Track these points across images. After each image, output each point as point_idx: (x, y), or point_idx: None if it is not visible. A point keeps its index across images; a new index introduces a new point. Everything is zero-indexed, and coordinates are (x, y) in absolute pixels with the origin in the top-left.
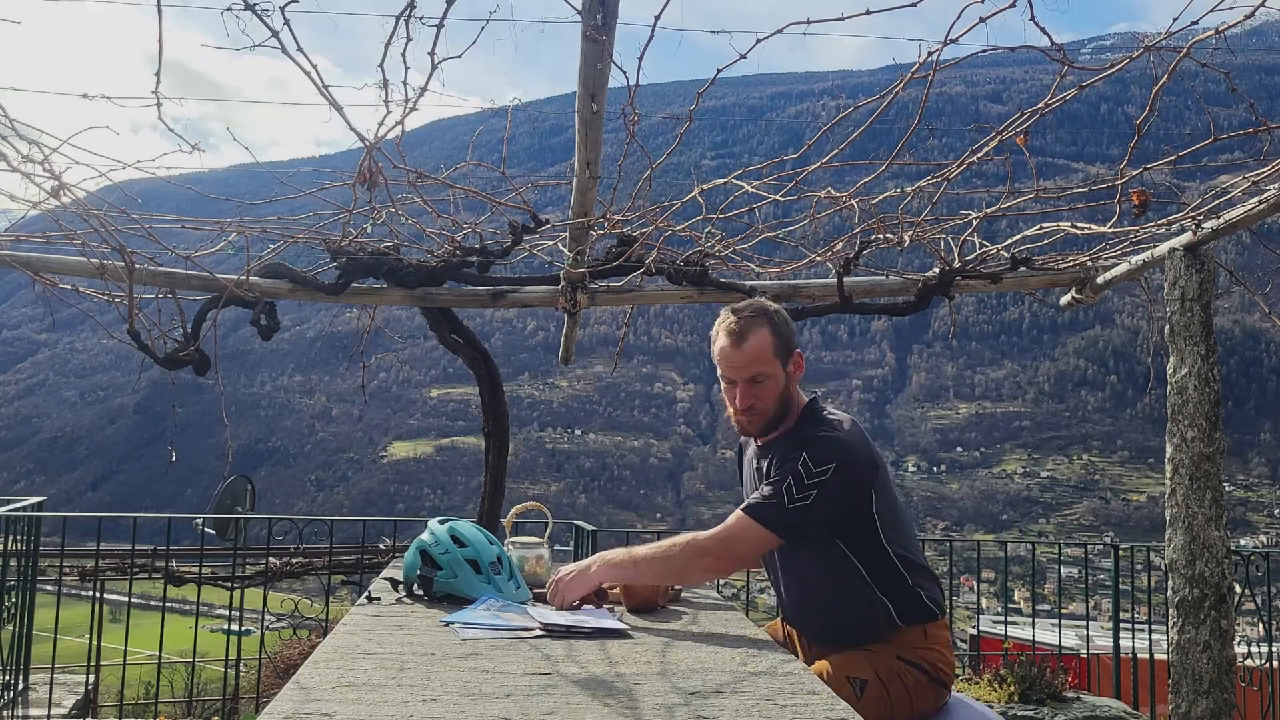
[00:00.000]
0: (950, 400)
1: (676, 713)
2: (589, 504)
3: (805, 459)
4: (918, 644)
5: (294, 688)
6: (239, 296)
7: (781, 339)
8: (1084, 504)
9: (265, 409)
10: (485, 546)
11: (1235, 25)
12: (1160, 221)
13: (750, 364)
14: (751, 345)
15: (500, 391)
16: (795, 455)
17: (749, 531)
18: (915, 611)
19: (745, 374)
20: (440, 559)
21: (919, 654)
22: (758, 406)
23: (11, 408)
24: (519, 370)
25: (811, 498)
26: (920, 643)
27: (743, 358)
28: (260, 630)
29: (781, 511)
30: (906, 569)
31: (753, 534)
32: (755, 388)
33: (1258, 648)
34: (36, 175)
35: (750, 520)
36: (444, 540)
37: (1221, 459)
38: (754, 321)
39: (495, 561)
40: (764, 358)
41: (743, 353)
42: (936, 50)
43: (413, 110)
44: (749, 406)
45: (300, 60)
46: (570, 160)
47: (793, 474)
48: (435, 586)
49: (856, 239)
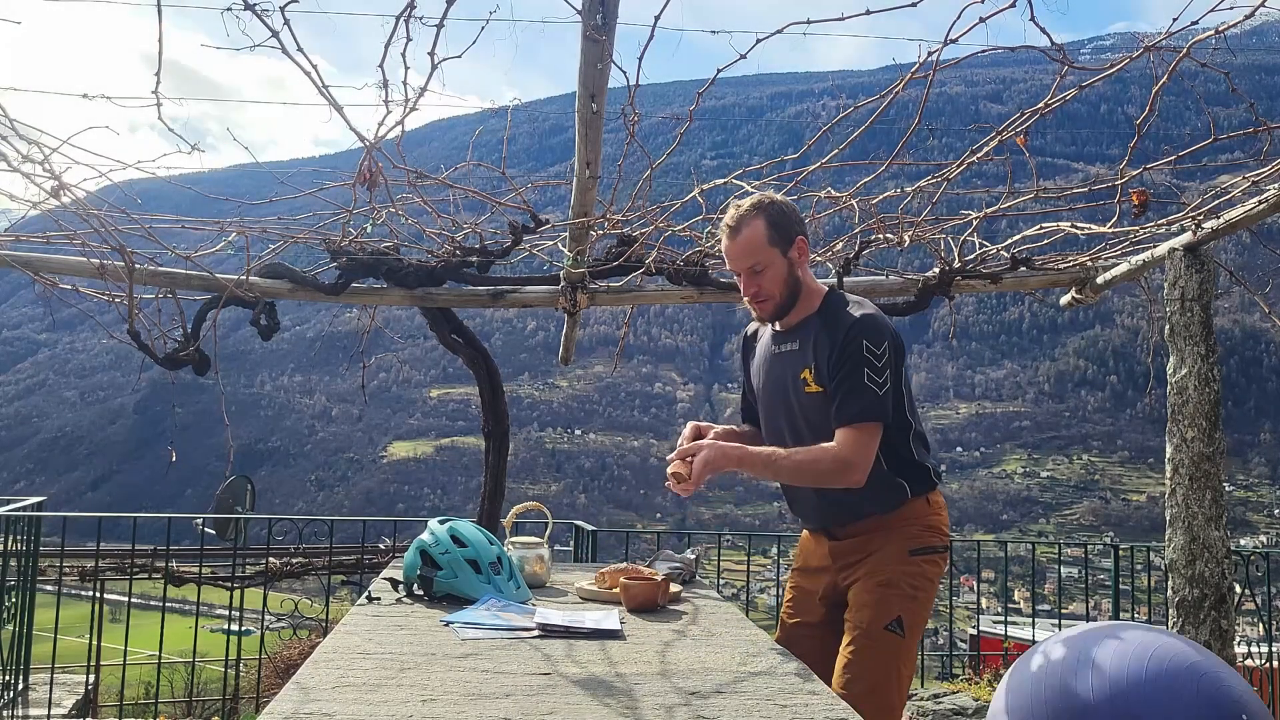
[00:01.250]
0: (950, 400)
1: (676, 713)
2: (589, 504)
3: (866, 345)
4: (923, 514)
5: (294, 688)
6: (239, 296)
7: (777, 228)
8: (1084, 504)
9: (265, 409)
10: (485, 547)
11: (1235, 25)
12: (1160, 221)
13: (745, 255)
14: (745, 237)
15: (500, 391)
16: (847, 341)
17: (871, 433)
18: (922, 483)
19: (743, 264)
20: (440, 559)
21: (926, 529)
22: (763, 293)
23: (11, 408)
24: (519, 370)
25: (887, 377)
26: (925, 512)
27: (738, 249)
28: (260, 630)
29: (880, 400)
30: (915, 443)
31: (873, 432)
32: (757, 276)
33: (1258, 648)
34: (36, 175)
35: (866, 423)
36: (444, 540)
37: (1222, 459)
38: (748, 215)
39: (495, 561)
40: (759, 247)
41: (737, 244)
42: (936, 50)
43: (413, 110)
44: (754, 294)
45: (300, 60)
46: (570, 160)
47: (866, 364)
48: (435, 587)
49: (856, 239)
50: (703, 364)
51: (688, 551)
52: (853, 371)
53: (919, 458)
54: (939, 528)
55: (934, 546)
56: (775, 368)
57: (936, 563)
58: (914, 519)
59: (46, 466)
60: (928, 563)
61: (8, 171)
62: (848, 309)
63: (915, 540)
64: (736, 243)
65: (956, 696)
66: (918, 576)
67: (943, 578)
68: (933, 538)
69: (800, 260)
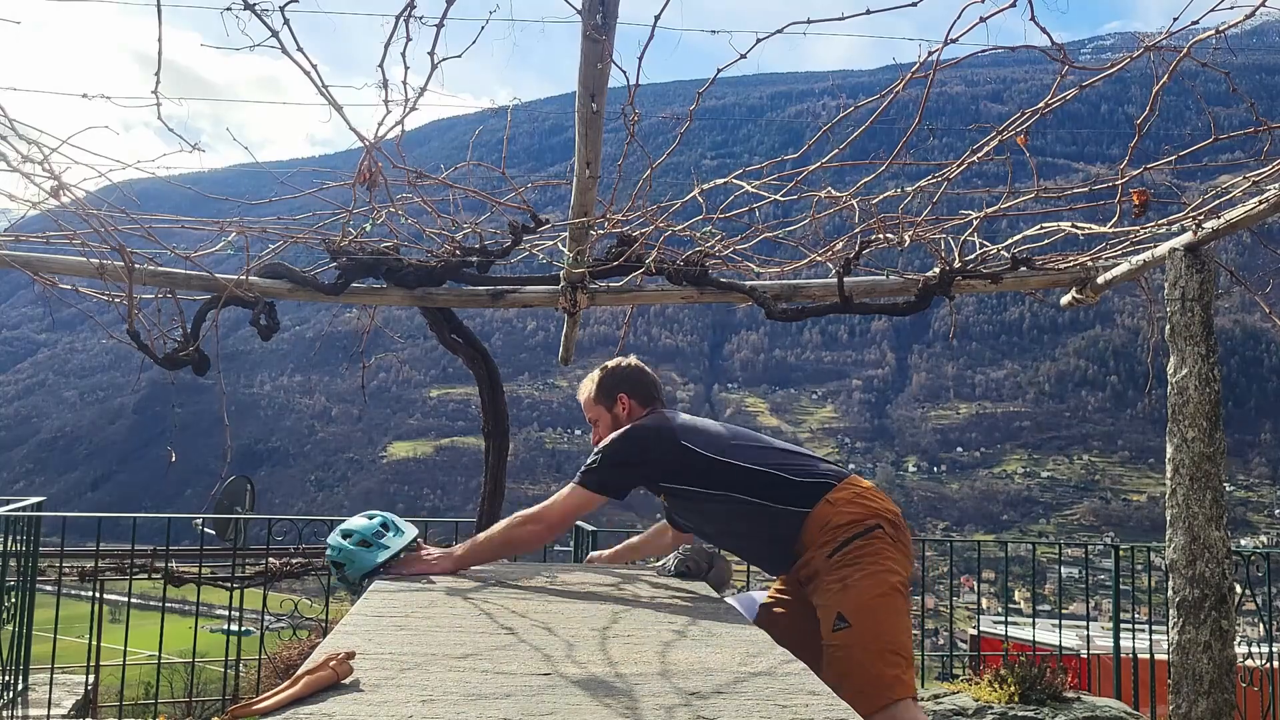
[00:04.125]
0: (950, 400)
1: (676, 713)
2: None
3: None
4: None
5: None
6: (239, 296)
7: (602, 390)
8: (1084, 504)
9: (265, 409)
10: (367, 525)
11: (1235, 25)
12: (1160, 221)
13: (585, 409)
14: (585, 395)
15: (500, 391)
16: None
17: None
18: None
19: (587, 416)
20: (341, 558)
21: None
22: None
23: (11, 408)
24: (519, 370)
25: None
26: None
27: (582, 404)
28: (260, 630)
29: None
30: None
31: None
32: (595, 427)
33: (1258, 648)
34: (36, 175)
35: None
36: (336, 543)
37: (1222, 459)
38: (591, 377)
39: (380, 529)
40: (588, 405)
41: (582, 401)
42: (936, 50)
43: (412, 110)
44: (596, 440)
45: (300, 60)
46: (570, 160)
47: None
48: (350, 577)
49: (856, 239)
50: (703, 364)
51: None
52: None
53: (793, 479)
54: (856, 516)
55: (851, 537)
56: None
57: (861, 546)
58: (827, 525)
59: (46, 466)
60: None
61: (7, 171)
62: None
63: (829, 545)
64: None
65: (956, 696)
66: (844, 567)
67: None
68: (850, 528)
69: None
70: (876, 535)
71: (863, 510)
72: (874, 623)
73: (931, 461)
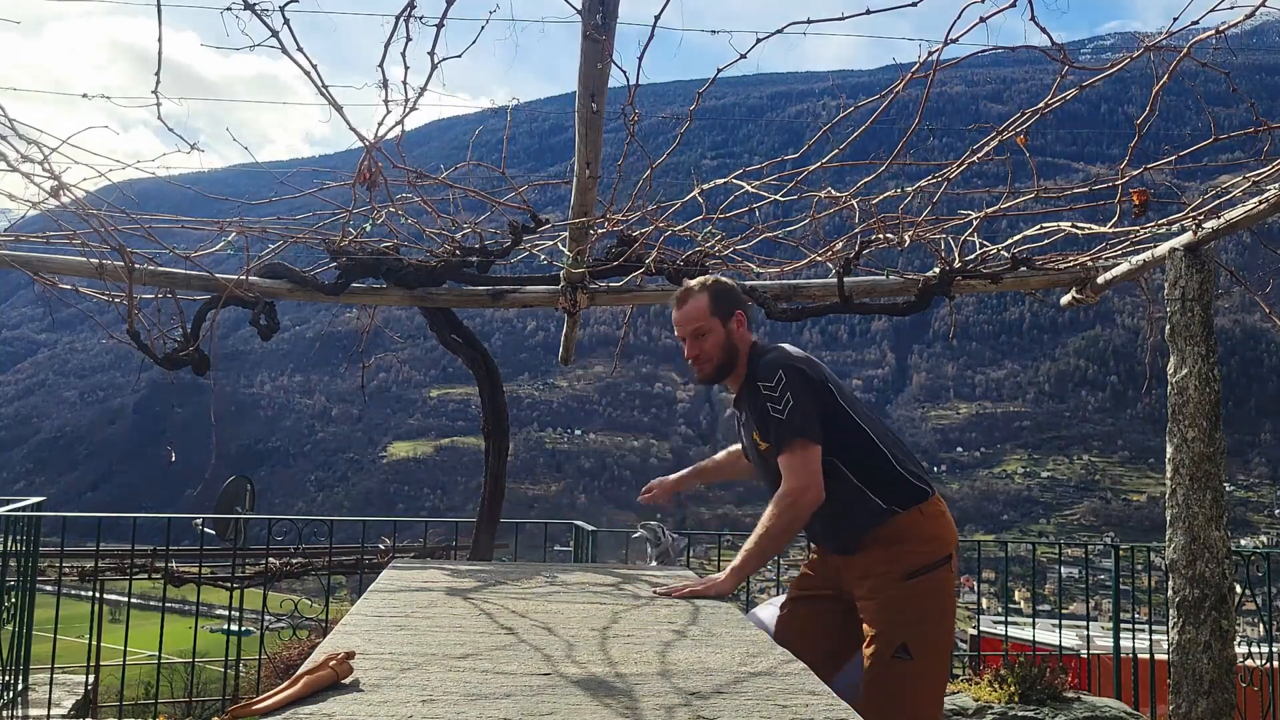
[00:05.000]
0: (950, 400)
1: (676, 713)
2: (589, 504)
3: (762, 386)
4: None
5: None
6: (239, 296)
7: (717, 301)
8: (1084, 504)
9: (265, 409)
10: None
11: (1235, 25)
12: (1160, 221)
13: (690, 320)
14: (691, 305)
15: (500, 391)
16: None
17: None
18: (909, 497)
19: (688, 329)
20: None
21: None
22: (703, 356)
23: (11, 408)
24: (519, 370)
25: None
26: (919, 524)
27: (685, 315)
28: (260, 630)
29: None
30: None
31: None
32: (700, 341)
33: (1258, 648)
34: (36, 175)
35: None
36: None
37: (1222, 459)
38: (696, 289)
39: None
40: (700, 315)
41: (685, 312)
42: (936, 50)
43: (412, 110)
44: (695, 356)
45: (300, 60)
46: (570, 160)
47: (767, 399)
48: None
49: (856, 239)
50: None
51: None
52: (763, 412)
53: (900, 471)
54: (939, 537)
55: (931, 564)
56: (742, 434)
57: (937, 577)
58: (908, 536)
59: (46, 466)
60: (928, 580)
61: (7, 171)
62: (753, 366)
63: (910, 561)
64: (682, 311)
65: (956, 696)
66: (919, 598)
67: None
68: (930, 552)
69: (737, 331)
70: (948, 568)
71: (944, 532)
72: (936, 665)
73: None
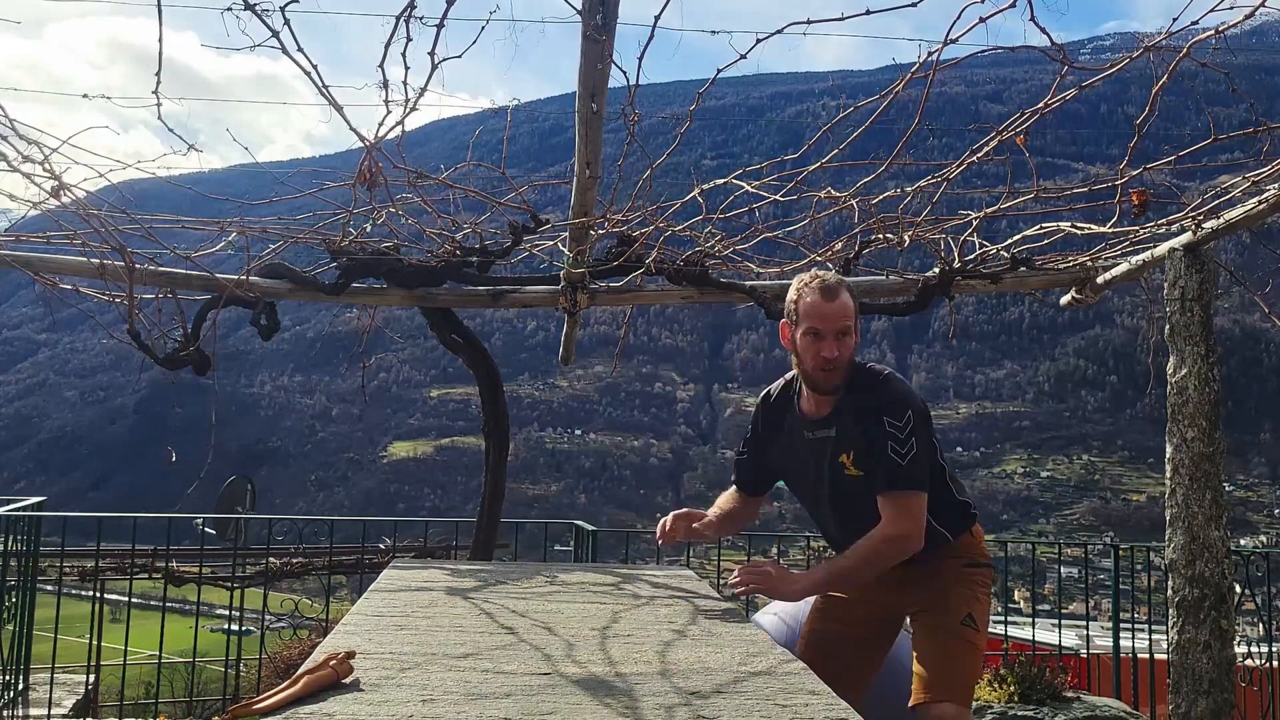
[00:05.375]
0: (950, 400)
1: (676, 713)
2: (589, 504)
3: (888, 421)
4: (968, 545)
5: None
6: (239, 296)
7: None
8: (1084, 504)
9: (265, 409)
10: None
11: (1235, 25)
12: (1160, 221)
13: (841, 317)
14: (843, 301)
15: (500, 391)
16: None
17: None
18: (965, 521)
19: (837, 326)
20: None
21: (975, 552)
22: (841, 359)
23: (11, 408)
24: (519, 370)
25: (912, 444)
26: (970, 544)
27: (836, 310)
28: (260, 630)
29: (907, 470)
30: (951, 485)
31: (914, 500)
32: (842, 341)
33: (1258, 648)
34: (36, 175)
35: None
36: None
37: (1222, 459)
38: (842, 284)
39: None
40: (850, 314)
41: (836, 306)
42: (936, 50)
43: (412, 110)
44: (836, 356)
45: (300, 60)
46: (570, 160)
47: (890, 439)
48: None
49: (856, 239)
50: (703, 364)
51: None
52: (878, 444)
53: (959, 499)
54: (985, 552)
55: (984, 562)
56: (811, 453)
57: (987, 575)
58: (963, 553)
59: (46, 466)
60: (982, 573)
61: (8, 171)
62: (871, 389)
63: (968, 558)
64: (835, 304)
65: None
66: (976, 584)
67: None
68: (980, 556)
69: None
70: (991, 574)
71: (986, 552)
72: (984, 641)
73: None
